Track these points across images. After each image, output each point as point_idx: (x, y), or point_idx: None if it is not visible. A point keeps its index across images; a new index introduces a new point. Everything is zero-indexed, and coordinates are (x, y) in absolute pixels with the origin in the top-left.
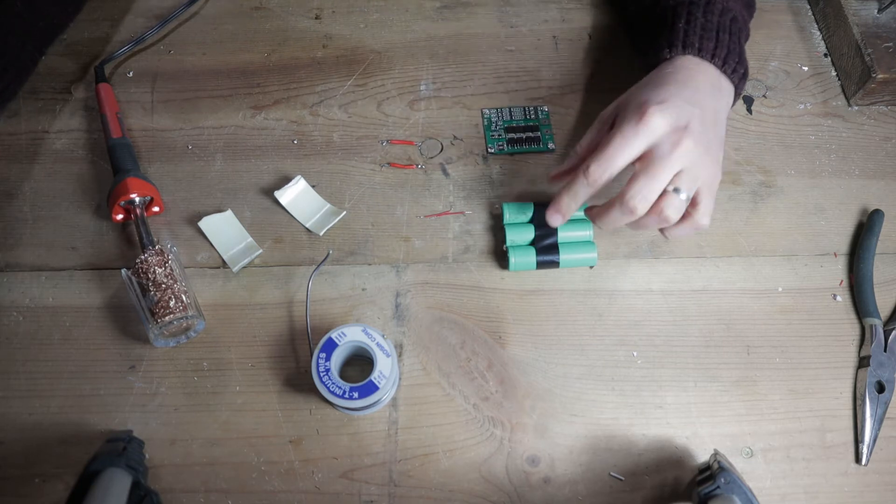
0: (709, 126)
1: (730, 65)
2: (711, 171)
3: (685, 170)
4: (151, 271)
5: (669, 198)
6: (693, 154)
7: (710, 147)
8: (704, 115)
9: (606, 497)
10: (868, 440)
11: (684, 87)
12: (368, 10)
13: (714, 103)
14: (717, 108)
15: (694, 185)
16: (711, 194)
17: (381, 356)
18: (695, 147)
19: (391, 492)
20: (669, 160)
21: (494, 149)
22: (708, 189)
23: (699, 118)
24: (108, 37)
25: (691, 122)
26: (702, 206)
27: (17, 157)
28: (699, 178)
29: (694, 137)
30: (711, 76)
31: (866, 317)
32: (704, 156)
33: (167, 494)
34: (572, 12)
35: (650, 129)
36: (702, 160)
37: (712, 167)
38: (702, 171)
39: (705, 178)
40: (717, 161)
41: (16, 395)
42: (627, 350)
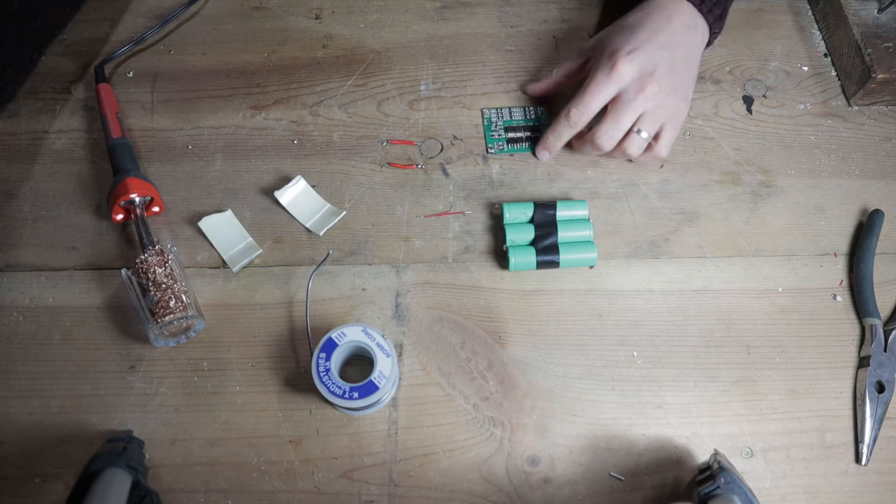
0: (679, 67)
1: (706, 5)
2: (675, 107)
3: (648, 112)
4: (151, 271)
5: (632, 137)
6: (657, 97)
7: (677, 87)
8: (675, 58)
9: (606, 497)
10: (868, 440)
11: (658, 31)
12: (368, 10)
13: (689, 42)
14: (691, 47)
15: (655, 125)
16: (674, 128)
17: (381, 356)
18: (659, 91)
19: (391, 492)
20: (634, 104)
21: (495, 149)
22: (671, 123)
23: (668, 62)
24: (108, 37)
25: (658, 68)
26: (662, 140)
27: (17, 157)
28: (662, 117)
29: (659, 82)
30: (687, 15)
31: (866, 317)
32: (669, 96)
33: (167, 494)
34: (572, 12)
35: (619, 77)
36: (666, 101)
37: (677, 104)
38: (665, 111)
39: (668, 115)
40: (683, 98)
41: (16, 395)
42: (627, 350)
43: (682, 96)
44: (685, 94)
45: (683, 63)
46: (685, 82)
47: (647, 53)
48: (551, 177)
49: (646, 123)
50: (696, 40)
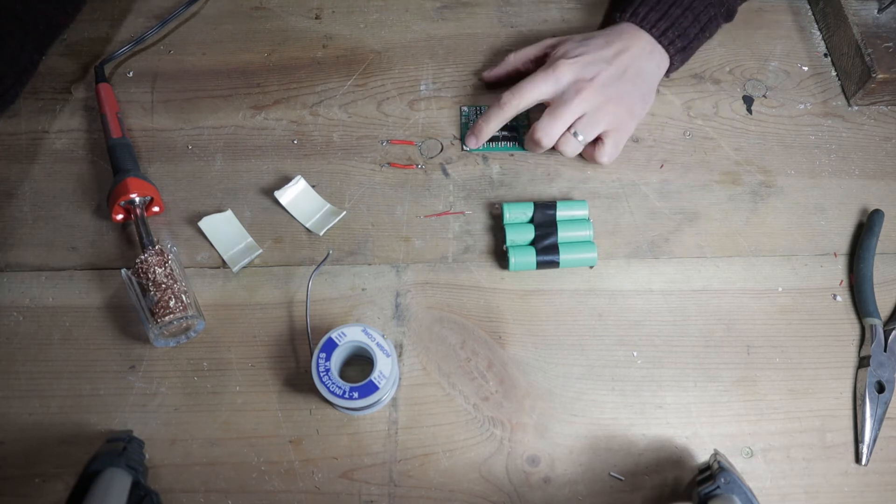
0: (625, 83)
1: (667, 37)
2: (619, 118)
3: (586, 116)
4: (151, 271)
5: (567, 138)
6: (595, 102)
7: (621, 100)
8: (621, 73)
9: (606, 497)
10: (868, 440)
11: (610, 47)
12: (368, 10)
13: (641, 64)
14: (644, 69)
15: (594, 131)
16: (616, 140)
17: (381, 356)
18: (595, 96)
19: (391, 492)
20: (571, 104)
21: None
22: (614, 133)
23: (611, 74)
24: (108, 37)
25: (599, 76)
26: (604, 147)
27: (17, 157)
28: (600, 123)
29: (597, 86)
30: (645, 42)
31: (866, 317)
32: (610, 105)
33: (167, 494)
34: (572, 12)
35: (556, 78)
36: (606, 107)
37: (620, 116)
38: (606, 118)
39: (610, 124)
40: (628, 111)
41: (16, 395)
42: (627, 350)
43: (627, 109)
44: (630, 108)
45: (631, 80)
46: (632, 98)
47: (591, 63)
48: (551, 177)
49: (583, 126)
50: (650, 65)
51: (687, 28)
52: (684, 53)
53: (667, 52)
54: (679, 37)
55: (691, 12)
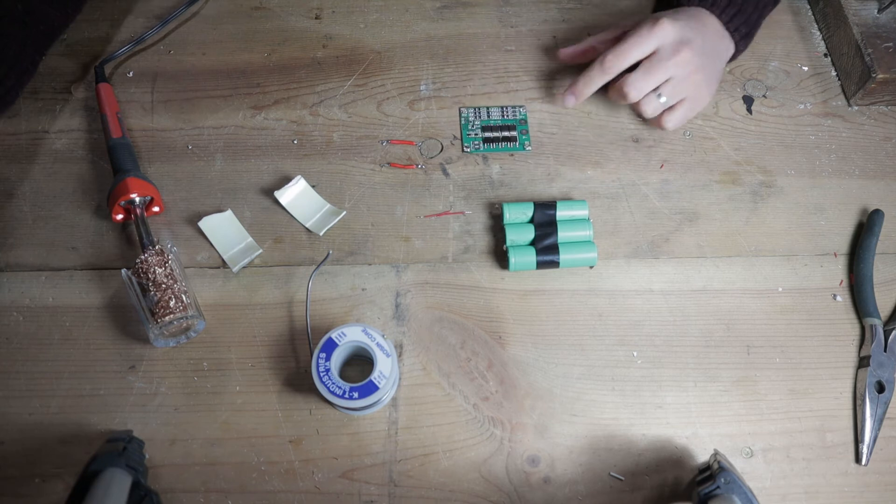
0: (709, 56)
1: (734, 23)
2: (699, 89)
3: (674, 78)
4: (151, 271)
5: (651, 98)
6: (688, 66)
7: (706, 71)
8: (706, 45)
9: (606, 497)
10: (868, 440)
11: (692, 20)
12: (368, 10)
13: (717, 44)
14: (718, 49)
15: (677, 95)
16: (691, 107)
17: (381, 356)
18: (691, 59)
19: (391, 492)
20: (667, 63)
21: (470, 148)
22: (690, 103)
23: (701, 43)
24: (108, 37)
25: (694, 41)
26: (675, 114)
27: (17, 157)
28: (685, 91)
29: (693, 51)
30: (716, 27)
31: (866, 317)
32: (697, 73)
33: (167, 494)
34: (572, 12)
35: (661, 33)
36: (693, 76)
37: (701, 87)
38: (689, 87)
39: (691, 93)
40: (708, 85)
41: (16, 395)
42: (627, 350)
43: (708, 82)
44: (710, 82)
45: (712, 57)
46: (713, 73)
47: (687, 26)
48: (551, 177)
49: (669, 90)
50: (721, 47)
51: (750, 14)
52: (748, 39)
53: (732, 39)
54: (744, 23)
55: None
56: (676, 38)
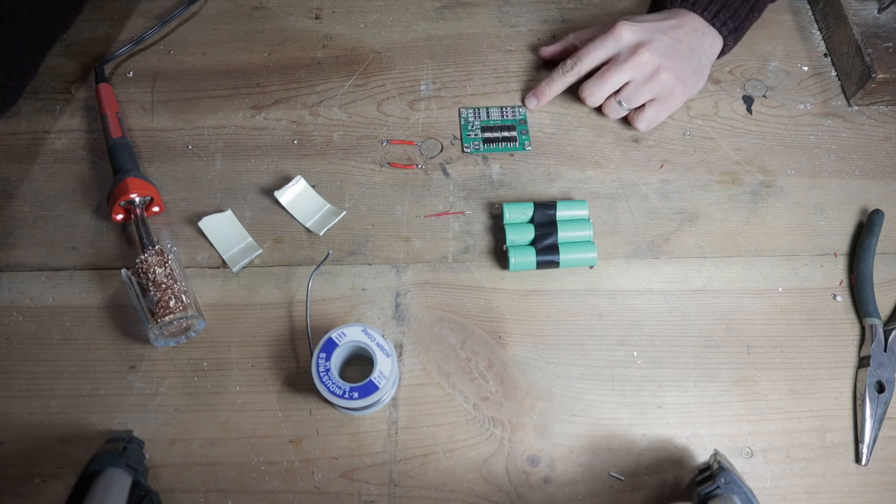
0: (679, 53)
1: (720, 19)
2: (670, 88)
3: (635, 82)
4: (151, 271)
5: (612, 104)
6: (647, 67)
7: (676, 68)
8: (676, 44)
9: (606, 497)
10: (868, 440)
11: (665, 22)
12: (368, 10)
13: (696, 41)
14: (698, 45)
15: (640, 98)
16: (662, 107)
17: (381, 356)
18: (650, 59)
19: (391, 492)
20: (622, 67)
21: (471, 148)
22: (660, 102)
23: (667, 44)
24: (108, 37)
25: (655, 42)
26: (644, 114)
27: (17, 157)
28: (650, 93)
29: (652, 51)
30: (698, 23)
31: (866, 317)
32: (662, 73)
33: (167, 494)
34: (572, 12)
35: (615, 39)
36: (656, 77)
37: (671, 85)
38: (656, 87)
39: (658, 93)
40: (682, 82)
41: (16, 395)
42: (627, 350)
43: (680, 79)
44: (683, 79)
45: (686, 53)
46: (685, 69)
47: (649, 30)
48: (551, 177)
49: (627, 93)
50: (703, 44)
51: (738, 9)
52: (737, 33)
53: (720, 34)
54: (731, 17)
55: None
56: (633, 41)
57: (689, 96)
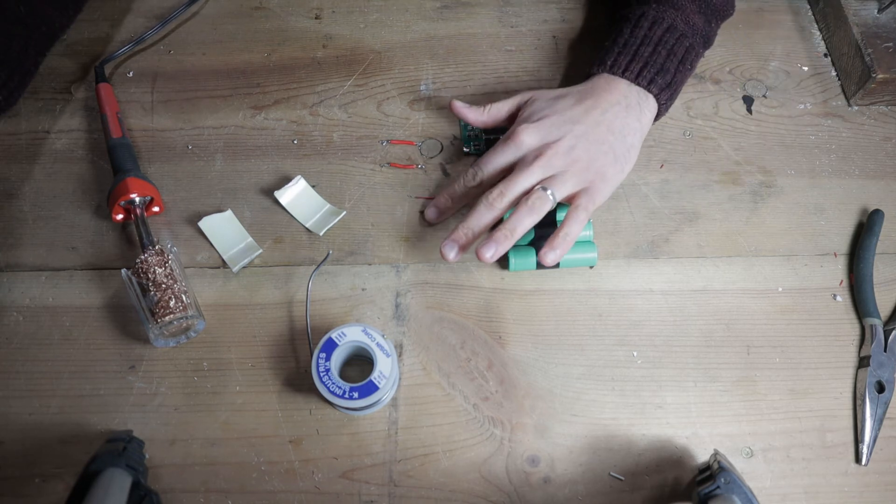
0: (594, 143)
1: (645, 77)
2: (589, 181)
3: (555, 176)
4: (151, 271)
5: (536, 193)
6: (558, 164)
7: (590, 161)
8: (591, 133)
9: (606, 497)
10: (868, 440)
11: (578, 105)
12: (368, 10)
13: (614, 120)
14: (619, 124)
15: (565, 190)
16: (589, 201)
17: (381, 356)
18: (557, 160)
19: (391, 492)
20: (529, 168)
21: (471, 149)
22: (585, 196)
23: (577, 135)
24: (108, 37)
25: (563, 139)
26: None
27: (17, 157)
28: (573, 186)
29: (559, 152)
30: (621, 93)
31: (866, 317)
32: (575, 166)
33: (167, 494)
34: (572, 12)
35: (516, 145)
36: (573, 170)
37: (591, 178)
38: (575, 180)
39: (581, 185)
40: (599, 174)
41: (16, 395)
42: (627, 350)
43: (598, 172)
44: (602, 171)
45: (602, 139)
46: (602, 159)
47: (555, 125)
48: None
49: (555, 185)
50: (628, 119)
51: (664, 63)
52: (670, 89)
53: (650, 94)
54: (658, 73)
55: (663, 47)
56: (537, 143)
57: (616, 184)
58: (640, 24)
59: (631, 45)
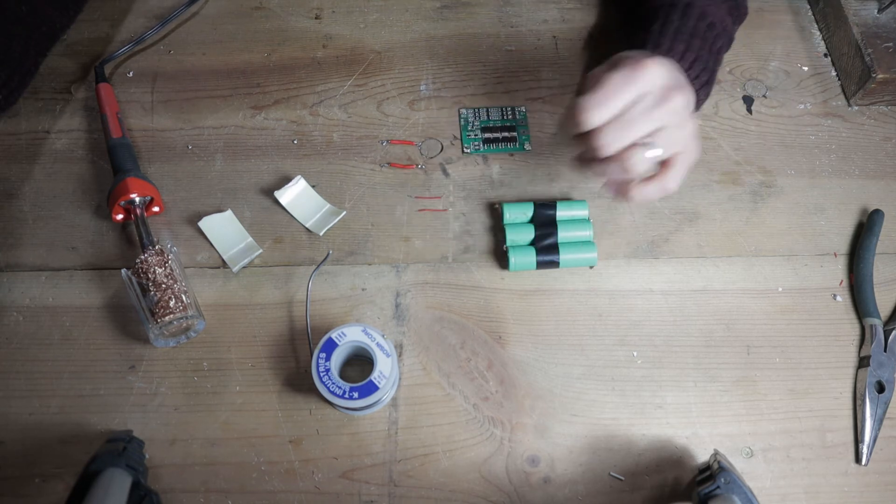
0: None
1: (694, 70)
2: (691, 143)
3: (666, 128)
4: (151, 271)
5: (637, 150)
6: (681, 115)
7: (695, 121)
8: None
9: (606, 497)
10: (868, 440)
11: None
12: (368, 10)
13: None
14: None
15: (672, 147)
16: (686, 162)
17: (381, 356)
18: (684, 108)
19: (391, 492)
20: (654, 112)
21: (471, 148)
22: (684, 158)
23: (690, 92)
24: (108, 37)
25: (686, 86)
26: (673, 170)
27: (17, 157)
28: (679, 142)
29: (686, 98)
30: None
31: (866, 317)
32: (690, 123)
33: (167, 494)
34: (572, 12)
35: (645, 76)
36: (686, 126)
37: (695, 140)
38: (683, 140)
39: (684, 146)
40: (698, 138)
41: (16, 395)
42: (627, 350)
43: (697, 135)
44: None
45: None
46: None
47: (676, 69)
48: (551, 177)
49: (662, 139)
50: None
51: (707, 60)
52: (707, 88)
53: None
54: (703, 70)
55: (707, 43)
56: (666, 80)
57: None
58: (688, 13)
59: (683, 34)
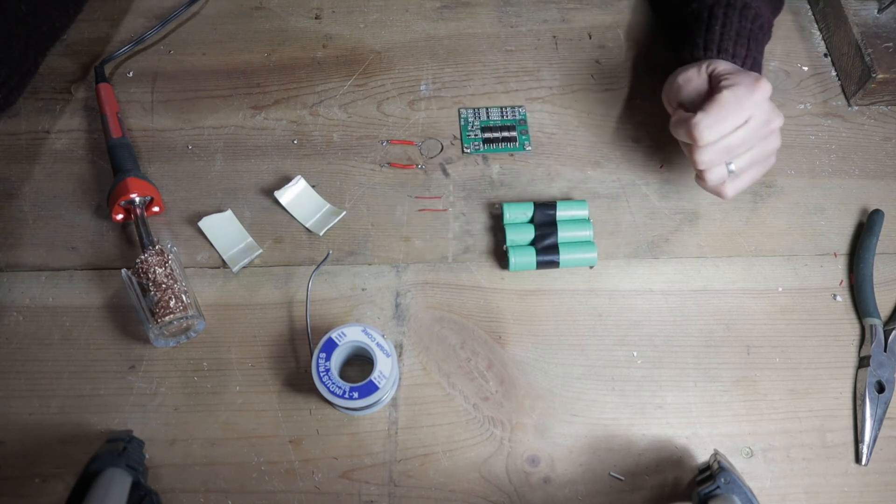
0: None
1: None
2: (770, 159)
3: (755, 150)
4: (151, 271)
5: (720, 168)
6: (769, 145)
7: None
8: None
9: (606, 497)
10: (868, 440)
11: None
12: (368, 10)
13: None
14: None
15: (748, 164)
16: (755, 174)
17: (381, 356)
18: (777, 139)
19: (391, 492)
20: (753, 144)
21: (471, 149)
22: (756, 168)
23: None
24: (108, 37)
25: (778, 112)
26: (740, 178)
27: (17, 157)
28: (757, 160)
29: (781, 124)
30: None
31: (866, 317)
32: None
33: (167, 494)
34: (572, 12)
35: (756, 100)
36: (771, 146)
37: (772, 157)
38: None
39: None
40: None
41: (16, 395)
42: (627, 350)
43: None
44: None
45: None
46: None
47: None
48: (551, 177)
49: (747, 161)
50: None
51: (759, 61)
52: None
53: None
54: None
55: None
56: (769, 106)
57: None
58: (745, 14)
59: (743, 36)
